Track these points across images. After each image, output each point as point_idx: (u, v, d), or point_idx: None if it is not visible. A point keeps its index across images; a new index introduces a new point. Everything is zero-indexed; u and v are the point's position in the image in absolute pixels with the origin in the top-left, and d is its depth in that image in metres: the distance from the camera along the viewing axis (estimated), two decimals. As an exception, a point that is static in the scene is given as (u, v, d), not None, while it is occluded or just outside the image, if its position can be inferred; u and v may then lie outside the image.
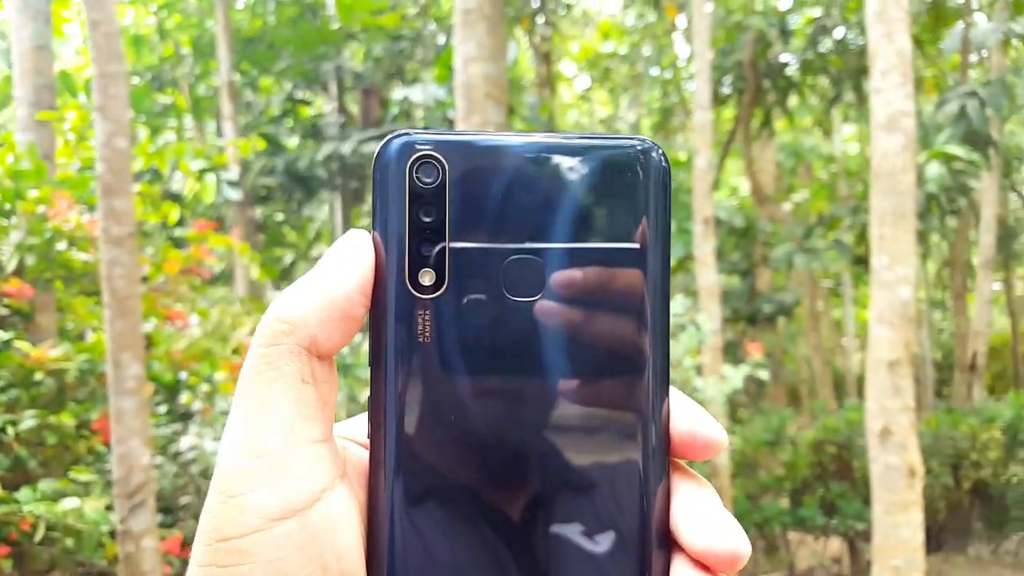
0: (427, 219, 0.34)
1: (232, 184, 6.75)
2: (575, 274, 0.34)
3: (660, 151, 0.35)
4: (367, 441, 0.35)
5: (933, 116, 6.29)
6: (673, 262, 6.44)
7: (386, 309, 0.33)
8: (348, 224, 8.54)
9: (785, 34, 6.26)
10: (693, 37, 5.49)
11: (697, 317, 5.07)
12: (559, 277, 0.34)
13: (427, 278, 0.33)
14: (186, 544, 3.21)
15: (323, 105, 8.53)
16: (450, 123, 6.56)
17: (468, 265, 0.34)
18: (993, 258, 7.76)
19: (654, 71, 7.82)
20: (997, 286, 10.56)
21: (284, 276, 8.42)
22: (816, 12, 6.84)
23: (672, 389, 0.35)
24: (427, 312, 0.33)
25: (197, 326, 4.20)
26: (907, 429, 3.71)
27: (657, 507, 0.34)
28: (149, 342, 3.76)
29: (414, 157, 0.34)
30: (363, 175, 7.69)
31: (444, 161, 0.34)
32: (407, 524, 0.33)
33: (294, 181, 7.61)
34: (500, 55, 5.21)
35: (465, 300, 0.34)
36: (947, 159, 5.91)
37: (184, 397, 4.11)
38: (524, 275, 0.34)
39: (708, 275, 5.71)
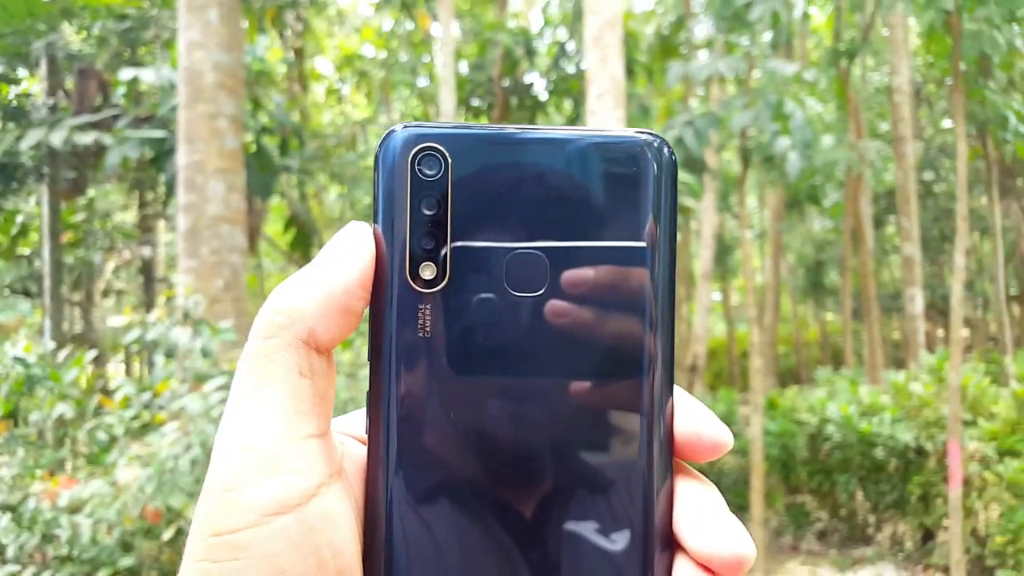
0: (429, 212, 0.33)
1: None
2: (579, 271, 0.33)
3: (667, 145, 0.34)
4: (365, 436, 0.34)
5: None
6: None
7: (386, 303, 0.33)
8: (58, 219, 7.59)
9: (531, 54, 6.52)
10: (440, 47, 5.52)
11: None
12: (562, 273, 0.33)
13: (428, 272, 0.33)
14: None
15: (35, 86, 7.51)
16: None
17: (470, 259, 0.33)
18: (712, 271, 8.66)
19: (419, 79, 7.82)
20: (716, 296, 11.87)
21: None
22: (563, 34, 7.22)
23: (676, 389, 0.34)
24: (428, 306, 0.33)
25: None
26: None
27: (660, 508, 0.33)
28: None
29: (417, 149, 0.33)
30: (77, 165, 6.85)
31: (447, 153, 0.33)
32: (405, 520, 0.32)
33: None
34: (236, 44, 4.87)
35: (466, 295, 0.33)
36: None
37: None
38: (527, 270, 0.33)
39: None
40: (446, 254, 0.33)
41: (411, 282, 0.33)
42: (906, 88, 7.37)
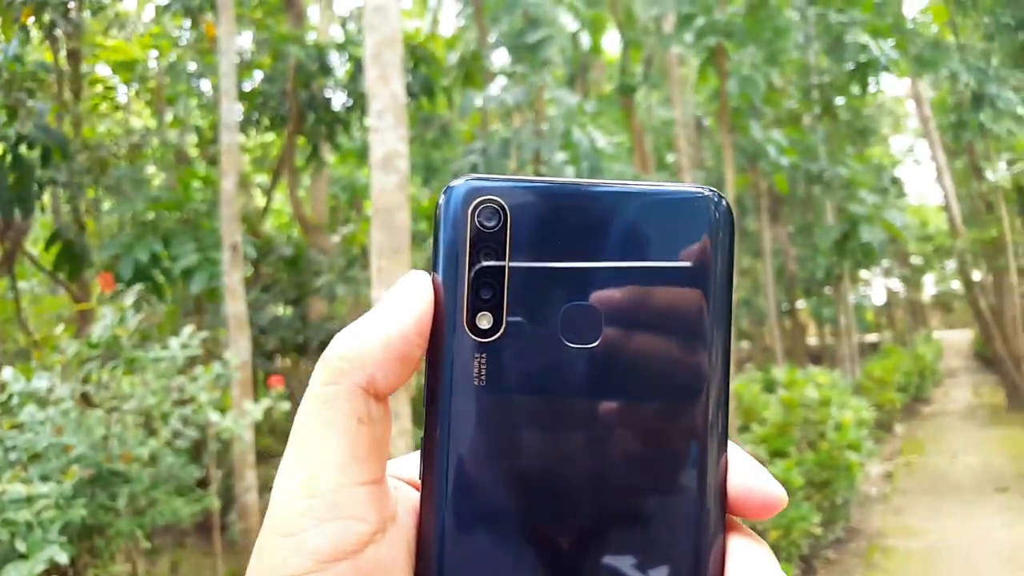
0: (487, 263, 0.33)
1: None
2: (632, 324, 0.33)
3: (725, 202, 0.33)
4: (417, 481, 0.34)
5: (460, 165, 6.98)
6: (199, 290, 6.03)
7: (442, 351, 0.33)
8: None
9: (325, 68, 6.38)
10: (221, 56, 5.25)
11: (223, 351, 4.79)
12: (616, 327, 0.33)
13: (484, 322, 0.33)
14: None
15: None
16: None
17: (526, 310, 0.33)
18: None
19: (204, 89, 7.41)
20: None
21: None
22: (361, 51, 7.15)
23: (730, 444, 0.34)
24: (483, 355, 0.33)
25: None
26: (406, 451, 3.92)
27: (712, 561, 0.32)
28: None
29: (477, 201, 0.33)
30: None
31: (506, 206, 0.33)
32: (457, 566, 0.32)
33: None
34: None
35: (522, 345, 0.33)
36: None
37: None
38: (581, 322, 0.33)
39: (237, 305, 5.45)
40: (503, 304, 0.33)
41: (468, 331, 0.33)
42: (684, 121, 7.99)
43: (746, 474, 0.34)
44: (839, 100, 9.87)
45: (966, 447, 10.23)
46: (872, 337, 22.20)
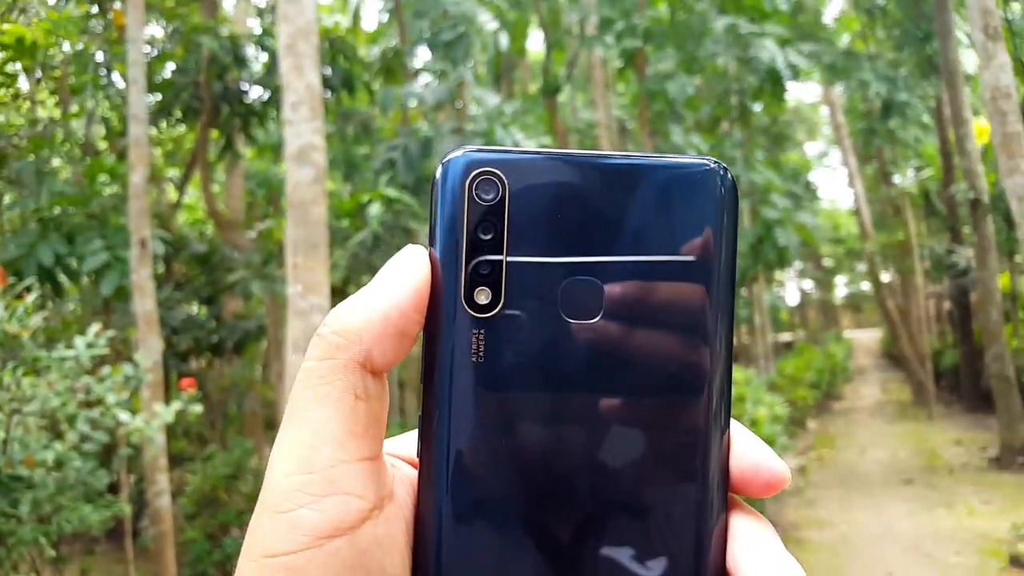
0: (485, 237, 0.32)
1: None
2: (635, 299, 0.32)
3: (727, 171, 0.33)
4: (415, 459, 0.34)
5: (380, 163, 6.89)
6: (109, 291, 5.77)
7: (440, 327, 0.32)
8: None
9: (239, 60, 6.21)
10: (129, 44, 5.05)
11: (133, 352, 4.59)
12: (618, 301, 0.32)
13: (483, 297, 0.32)
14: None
15: None
16: None
17: (525, 285, 0.32)
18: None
19: (112, 79, 7.10)
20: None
21: None
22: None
23: (733, 422, 0.33)
24: (481, 331, 0.32)
25: None
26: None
27: (714, 543, 0.32)
28: None
29: (474, 174, 0.32)
30: None
31: (505, 178, 0.32)
32: (456, 544, 0.32)
33: None
34: None
35: (521, 320, 0.32)
36: (388, 201, 6.50)
37: None
38: (582, 297, 0.32)
39: (146, 303, 5.23)
40: (501, 279, 0.32)
41: (466, 306, 0.32)
42: (607, 123, 8.11)
43: (751, 453, 0.33)
44: (756, 107, 10.20)
45: (875, 442, 10.70)
46: (786, 336, 23.04)
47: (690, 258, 0.32)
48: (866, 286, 25.22)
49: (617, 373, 0.32)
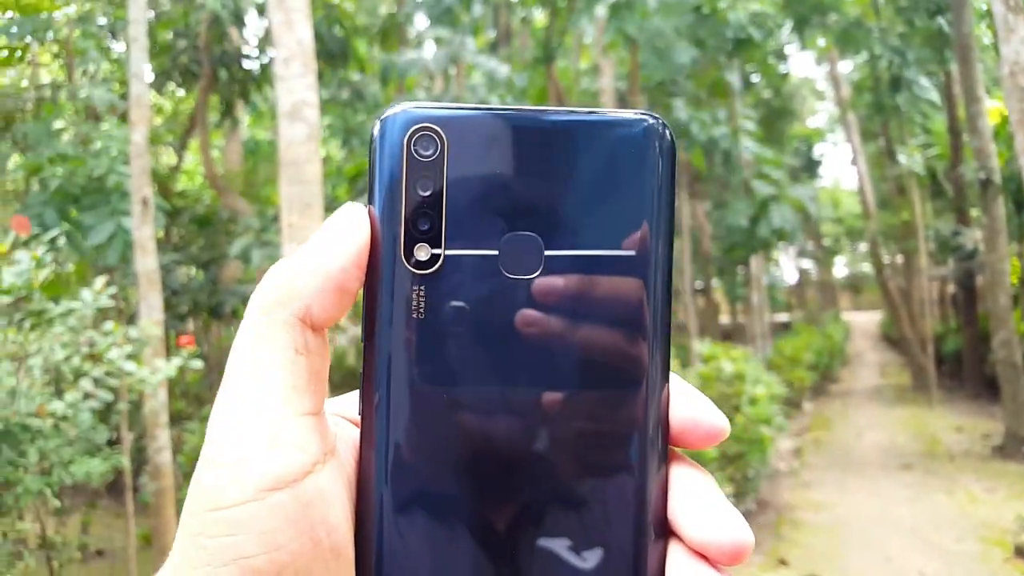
0: (424, 193, 0.32)
1: None
2: (574, 252, 0.32)
3: (667, 127, 0.33)
4: (358, 419, 0.34)
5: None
6: (116, 260, 5.84)
7: (380, 284, 0.32)
8: None
9: (240, 21, 6.23)
10: (129, 2, 5.08)
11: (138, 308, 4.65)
12: (558, 255, 0.32)
13: (423, 253, 0.32)
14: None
15: None
16: None
17: (464, 241, 0.32)
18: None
19: (114, 42, 7.13)
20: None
21: None
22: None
23: (673, 376, 0.33)
24: (422, 288, 0.32)
25: None
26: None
27: (654, 495, 0.32)
28: None
29: (412, 129, 0.32)
30: None
31: (444, 134, 0.32)
32: (395, 503, 0.32)
33: None
34: None
35: (461, 277, 0.32)
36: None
37: None
38: (522, 253, 0.32)
39: (148, 261, 5.31)
40: (441, 235, 0.32)
41: (406, 263, 0.32)
42: (610, 90, 8.07)
43: (690, 405, 0.34)
44: (755, 78, 10.13)
45: (872, 425, 10.54)
46: (783, 316, 22.84)
47: (627, 214, 0.33)
48: (867, 267, 25.08)
49: (556, 328, 0.33)
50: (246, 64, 6.74)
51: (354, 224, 0.33)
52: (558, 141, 0.33)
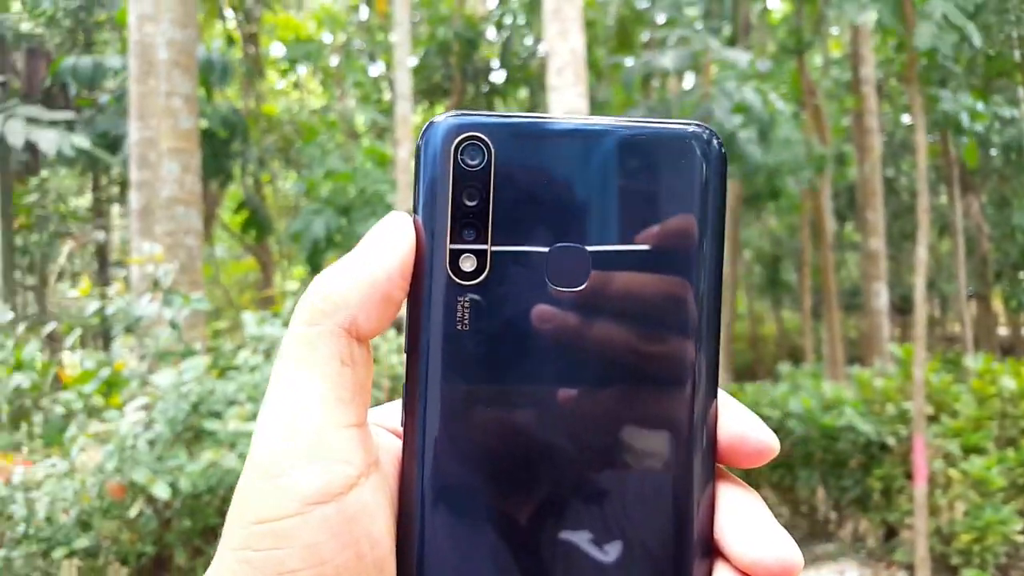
0: (470, 203, 0.32)
1: None
2: (623, 266, 0.32)
3: (716, 137, 0.33)
4: (399, 429, 0.34)
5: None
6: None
7: (425, 294, 0.32)
8: (9, 201, 7.32)
9: (474, 42, 6.40)
10: (395, 25, 5.39)
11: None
12: (606, 269, 0.32)
13: (468, 264, 0.32)
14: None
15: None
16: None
17: (511, 252, 0.32)
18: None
19: (373, 66, 7.66)
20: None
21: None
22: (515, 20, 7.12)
23: (720, 392, 0.33)
24: (467, 299, 0.32)
25: None
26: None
27: (701, 514, 0.32)
28: None
29: (460, 139, 0.32)
30: (29, 147, 6.59)
31: (490, 143, 0.32)
32: (438, 515, 0.32)
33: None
34: (190, 21, 4.69)
35: (506, 288, 0.32)
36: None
37: None
38: (569, 265, 0.32)
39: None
40: (487, 246, 0.32)
41: (451, 274, 0.32)
42: (872, 79, 7.37)
43: (739, 422, 0.33)
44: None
45: None
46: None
47: (677, 226, 0.32)
48: None
49: (603, 343, 0.32)
50: (492, 77, 6.94)
51: (399, 233, 0.32)
52: (605, 151, 0.32)
